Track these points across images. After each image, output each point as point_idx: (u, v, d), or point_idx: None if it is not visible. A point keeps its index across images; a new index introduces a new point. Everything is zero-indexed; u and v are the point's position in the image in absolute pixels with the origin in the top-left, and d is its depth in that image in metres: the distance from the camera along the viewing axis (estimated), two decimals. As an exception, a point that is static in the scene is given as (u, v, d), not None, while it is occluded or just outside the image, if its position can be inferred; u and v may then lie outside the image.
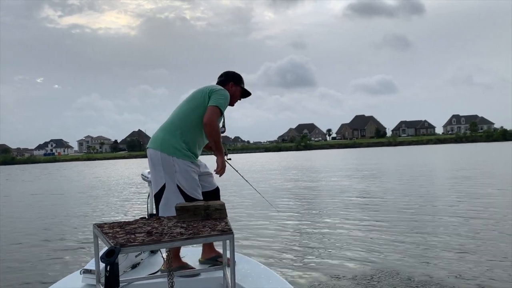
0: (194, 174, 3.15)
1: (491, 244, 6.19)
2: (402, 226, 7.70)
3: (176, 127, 3.18)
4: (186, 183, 3.09)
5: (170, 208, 3.01)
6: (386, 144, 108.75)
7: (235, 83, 3.44)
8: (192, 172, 3.14)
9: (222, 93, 3.23)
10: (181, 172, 3.09)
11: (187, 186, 3.09)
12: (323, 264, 5.52)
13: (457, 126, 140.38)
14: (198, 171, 3.22)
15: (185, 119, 3.20)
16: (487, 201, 10.31)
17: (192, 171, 3.14)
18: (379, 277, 4.89)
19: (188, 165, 3.12)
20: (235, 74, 3.51)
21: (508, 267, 5.09)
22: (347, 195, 12.82)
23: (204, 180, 3.30)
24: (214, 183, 3.37)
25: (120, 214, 11.27)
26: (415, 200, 11.08)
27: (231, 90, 3.40)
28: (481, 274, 4.89)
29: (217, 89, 3.25)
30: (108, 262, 1.90)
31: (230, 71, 3.54)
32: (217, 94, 3.20)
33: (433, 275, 4.91)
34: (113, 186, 21.81)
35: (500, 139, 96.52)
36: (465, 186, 13.78)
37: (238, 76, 3.50)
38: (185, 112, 3.23)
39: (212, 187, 3.35)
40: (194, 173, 3.15)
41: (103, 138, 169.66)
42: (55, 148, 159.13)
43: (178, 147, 3.12)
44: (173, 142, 3.13)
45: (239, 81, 3.48)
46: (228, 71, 3.53)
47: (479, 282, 4.64)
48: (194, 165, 3.16)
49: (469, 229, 7.28)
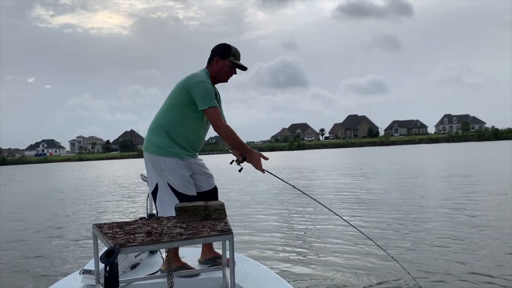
0: (183, 171, 3.09)
1: (489, 244, 6.23)
2: (402, 226, 7.75)
3: (159, 126, 3.16)
4: (175, 181, 3.06)
5: (165, 207, 3.01)
6: (379, 143, 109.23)
7: (220, 57, 3.15)
8: (181, 169, 3.08)
9: (200, 87, 3.04)
10: (169, 170, 3.06)
11: (177, 183, 3.06)
12: (323, 264, 5.51)
13: (449, 125, 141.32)
14: (190, 168, 3.14)
15: (167, 117, 3.16)
16: (482, 199, 10.39)
17: (180, 168, 3.08)
18: (378, 277, 4.89)
19: (175, 162, 3.07)
20: (219, 46, 3.20)
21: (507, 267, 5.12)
22: (345, 194, 12.86)
23: (200, 179, 3.24)
24: (212, 182, 3.30)
25: (119, 215, 11.24)
26: (415, 199, 11.14)
27: (217, 66, 3.16)
28: (479, 273, 4.92)
29: (194, 82, 3.06)
30: (108, 262, 1.89)
31: (218, 44, 3.24)
32: (197, 91, 3.03)
33: (431, 273, 4.94)
34: (112, 186, 21.73)
35: (492, 138, 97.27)
36: (459, 184, 13.88)
37: (223, 48, 3.18)
38: (166, 110, 3.19)
39: (209, 187, 3.28)
40: (183, 170, 3.09)
41: (95, 138, 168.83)
42: (46, 149, 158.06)
43: (162, 145, 3.09)
44: (157, 141, 3.11)
45: (225, 53, 3.16)
46: (216, 45, 3.24)
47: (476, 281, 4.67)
48: (183, 161, 3.10)
49: (465, 227, 7.32)
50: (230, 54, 3.16)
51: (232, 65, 3.17)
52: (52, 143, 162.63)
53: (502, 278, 4.68)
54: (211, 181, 3.30)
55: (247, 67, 3.27)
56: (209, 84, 3.10)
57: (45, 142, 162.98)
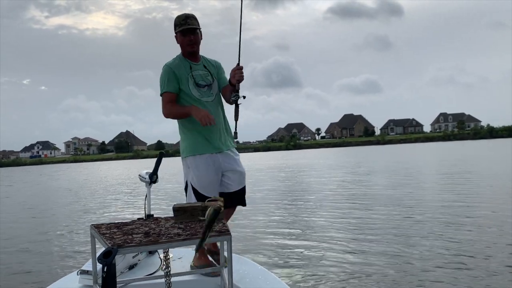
0: (204, 170, 3.01)
1: (488, 241, 6.25)
2: (400, 223, 7.75)
3: (179, 127, 3.18)
4: (194, 181, 3.03)
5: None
6: (375, 142, 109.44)
7: (175, 34, 3.11)
8: (202, 168, 3.01)
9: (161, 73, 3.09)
10: (191, 169, 3.05)
11: (197, 183, 3.01)
12: (321, 265, 5.51)
13: (445, 124, 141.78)
14: (217, 165, 3.03)
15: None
16: (478, 198, 10.43)
17: (201, 166, 3.02)
18: (378, 278, 4.89)
19: (196, 160, 3.03)
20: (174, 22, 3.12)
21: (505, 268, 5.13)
22: (344, 194, 12.87)
23: (229, 178, 3.10)
24: (241, 181, 3.12)
25: (117, 215, 11.22)
26: (412, 197, 11.16)
27: (178, 43, 3.13)
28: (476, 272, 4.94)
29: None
30: (105, 263, 1.89)
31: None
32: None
33: (427, 276, 4.95)
34: (110, 186, 21.68)
35: (487, 137, 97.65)
36: (454, 182, 13.93)
37: (175, 23, 3.10)
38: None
39: (238, 187, 3.12)
40: (204, 169, 3.01)
41: (90, 139, 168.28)
42: (41, 150, 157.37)
43: (183, 146, 3.11)
44: (181, 143, 3.16)
45: (175, 29, 3.10)
46: None
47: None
48: (206, 158, 3.02)
49: (463, 227, 7.35)
50: (176, 26, 3.08)
51: (181, 34, 3.06)
52: (47, 145, 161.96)
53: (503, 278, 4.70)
54: (240, 179, 3.13)
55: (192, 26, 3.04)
56: (168, 66, 3.06)
57: (40, 143, 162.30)
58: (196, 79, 3.06)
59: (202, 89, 3.08)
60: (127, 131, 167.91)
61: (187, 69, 3.07)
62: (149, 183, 3.47)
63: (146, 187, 3.47)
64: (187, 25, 3.00)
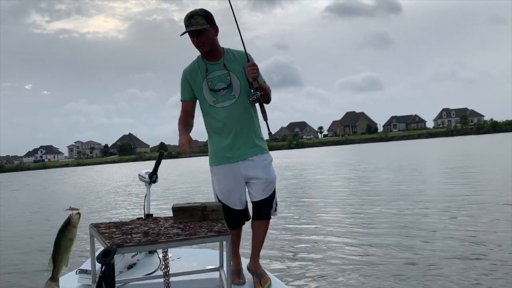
0: (223, 179, 2.88)
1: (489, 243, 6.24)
2: (403, 222, 7.74)
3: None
4: (216, 189, 2.94)
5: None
6: (378, 139, 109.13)
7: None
8: (217, 177, 2.91)
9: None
10: (213, 178, 2.96)
11: (218, 193, 2.91)
12: (320, 265, 5.47)
13: (448, 119, 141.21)
14: (238, 173, 2.85)
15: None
16: (486, 192, 10.40)
17: (216, 176, 2.92)
18: (378, 278, 4.86)
19: (217, 169, 2.92)
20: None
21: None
22: (345, 194, 12.77)
23: (252, 187, 2.89)
24: (265, 191, 2.88)
25: (116, 214, 11.22)
26: (416, 193, 11.15)
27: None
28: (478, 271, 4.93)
29: None
30: (104, 262, 1.90)
31: None
32: None
33: (432, 270, 4.95)
34: (109, 186, 21.70)
35: (490, 131, 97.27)
36: (458, 177, 13.90)
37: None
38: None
39: (260, 197, 2.89)
40: (224, 178, 2.88)
41: (93, 143, 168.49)
42: (45, 155, 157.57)
43: (209, 156, 2.99)
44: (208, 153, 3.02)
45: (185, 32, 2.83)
46: None
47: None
48: (220, 169, 2.89)
49: (466, 222, 7.34)
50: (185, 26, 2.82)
51: (189, 36, 2.81)
52: (50, 149, 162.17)
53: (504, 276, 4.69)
54: (264, 188, 2.88)
55: (195, 27, 2.75)
56: (183, 73, 2.91)
57: (43, 148, 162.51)
58: (213, 83, 2.83)
59: (219, 93, 2.82)
60: (129, 133, 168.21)
61: (202, 74, 2.85)
62: (149, 183, 3.48)
63: (145, 187, 3.49)
64: (191, 26, 2.76)
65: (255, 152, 2.88)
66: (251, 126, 2.90)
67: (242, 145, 2.86)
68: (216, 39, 2.87)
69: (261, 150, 2.91)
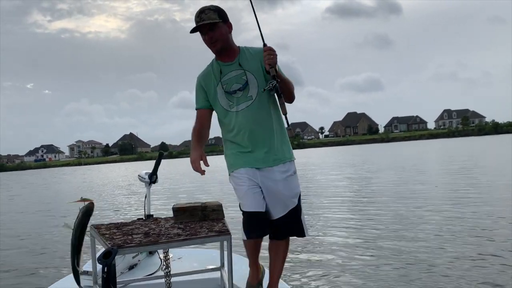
0: (235, 185, 2.56)
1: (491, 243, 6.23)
2: (404, 222, 7.74)
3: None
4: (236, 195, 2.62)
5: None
6: (379, 140, 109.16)
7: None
8: (232, 183, 2.62)
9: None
10: (233, 183, 2.63)
11: (237, 197, 2.56)
12: (321, 265, 5.47)
13: (449, 120, 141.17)
14: (255, 180, 2.51)
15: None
16: (488, 194, 10.39)
17: (232, 183, 2.62)
18: (379, 278, 4.86)
19: (231, 176, 2.62)
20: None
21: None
22: (346, 194, 12.79)
23: (270, 202, 2.54)
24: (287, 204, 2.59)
25: (117, 215, 11.22)
26: (419, 194, 11.14)
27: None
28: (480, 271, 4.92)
29: None
30: (105, 263, 1.89)
31: None
32: None
33: (433, 271, 4.94)
34: (109, 187, 21.70)
35: (492, 132, 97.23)
36: (464, 178, 13.89)
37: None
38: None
39: (278, 214, 2.57)
40: (236, 184, 2.56)
41: (94, 142, 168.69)
42: (46, 154, 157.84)
43: (227, 166, 2.68)
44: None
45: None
46: None
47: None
48: (236, 173, 2.55)
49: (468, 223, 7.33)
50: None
51: (201, 33, 2.57)
52: (51, 148, 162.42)
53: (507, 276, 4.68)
54: (285, 202, 2.58)
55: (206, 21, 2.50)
56: (197, 80, 2.68)
57: (44, 147, 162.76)
58: (228, 85, 2.56)
59: (234, 95, 2.55)
60: (130, 133, 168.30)
61: (217, 77, 2.59)
62: (149, 184, 3.47)
63: (145, 187, 3.48)
64: (202, 21, 2.48)
65: (278, 161, 2.57)
66: (271, 130, 2.58)
67: (261, 153, 2.55)
68: (230, 36, 2.60)
69: (286, 157, 2.61)
